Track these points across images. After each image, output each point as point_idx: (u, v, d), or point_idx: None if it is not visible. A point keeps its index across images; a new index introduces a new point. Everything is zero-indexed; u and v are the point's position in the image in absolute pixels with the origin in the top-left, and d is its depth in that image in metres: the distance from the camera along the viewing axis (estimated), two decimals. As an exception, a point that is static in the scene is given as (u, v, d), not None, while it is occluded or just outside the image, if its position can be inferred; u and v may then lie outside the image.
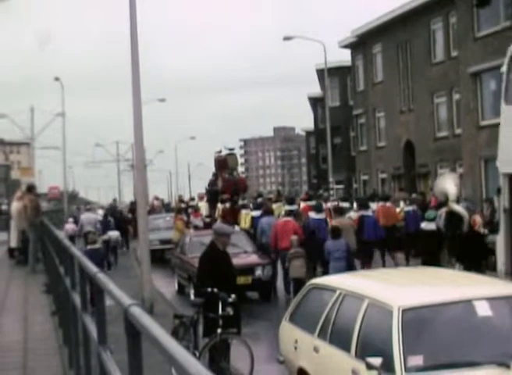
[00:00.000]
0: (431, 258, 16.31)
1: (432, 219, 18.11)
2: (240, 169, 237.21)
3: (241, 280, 17.29)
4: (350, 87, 55.85)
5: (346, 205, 27.21)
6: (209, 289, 10.96)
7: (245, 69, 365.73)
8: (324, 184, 52.10)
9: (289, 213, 21.49)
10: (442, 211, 20.39)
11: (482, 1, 25.18)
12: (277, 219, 21.74)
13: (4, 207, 45.68)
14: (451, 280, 9.11)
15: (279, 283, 19.79)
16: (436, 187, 20.95)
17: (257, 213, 23.92)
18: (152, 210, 40.57)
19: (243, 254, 19.28)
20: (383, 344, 7.23)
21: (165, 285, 22.11)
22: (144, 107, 17.62)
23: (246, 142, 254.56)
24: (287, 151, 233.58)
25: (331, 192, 40.62)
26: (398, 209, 24.93)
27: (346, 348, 7.82)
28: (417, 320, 7.35)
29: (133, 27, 16.93)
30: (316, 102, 65.64)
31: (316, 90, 64.37)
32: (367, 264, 20.15)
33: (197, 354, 10.81)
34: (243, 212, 25.14)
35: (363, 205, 22.45)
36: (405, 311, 7.25)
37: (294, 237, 18.60)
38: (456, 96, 37.68)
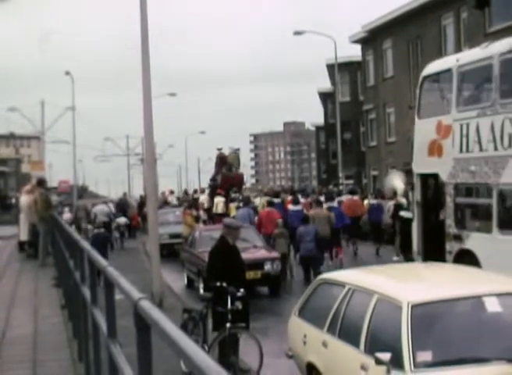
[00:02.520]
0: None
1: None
2: (250, 163, 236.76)
3: (250, 274, 17.32)
4: (360, 83, 55.79)
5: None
6: (218, 283, 10.98)
7: (255, 63, 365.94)
8: (333, 179, 52.13)
9: (270, 204, 24.54)
10: (390, 204, 25.60)
11: (481, 3, 25.15)
12: (262, 209, 25.62)
13: (14, 201, 45.86)
14: (460, 276, 9.10)
15: None
16: (385, 184, 23.58)
17: (240, 205, 27.07)
18: (166, 204, 41.20)
19: (252, 248, 19.29)
20: (392, 339, 7.23)
21: (175, 279, 22.14)
22: (154, 101, 17.62)
23: (256, 137, 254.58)
24: (297, 146, 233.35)
25: (340, 187, 40.63)
26: (366, 202, 29.45)
27: (355, 343, 7.82)
28: (427, 316, 7.35)
29: (144, 21, 16.93)
30: (326, 97, 65.60)
31: (326, 85, 64.35)
32: (336, 247, 23.39)
33: (206, 348, 10.84)
34: (231, 204, 28.57)
35: (329, 198, 26.03)
36: (414, 306, 7.25)
37: (279, 220, 21.73)
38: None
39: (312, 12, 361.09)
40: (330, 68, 55.92)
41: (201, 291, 17.30)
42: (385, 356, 6.88)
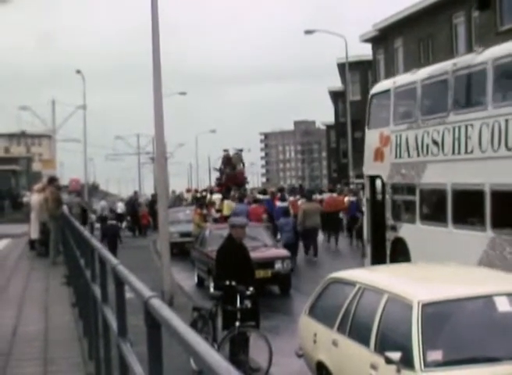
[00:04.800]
0: None
1: None
2: (260, 162, 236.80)
3: (261, 273, 17.32)
4: (370, 82, 55.64)
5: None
6: (227, 282, 10.98)
7: (266, 62, 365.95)
8: (344, 178, 52.04)
9: (256, 201, 28.06)
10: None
11: (483, 5, 25.12)
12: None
13: (25, 199, 45.96)
14: (471, 276, 9.10)
15: None
16: None
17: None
18: (180, 201, 42.05)
19: (262, 247, 19.30)
20: (403, 338, 7.23)
21: (185, 278, 22.18)
22: (164, 100, 17.64)
23: (266, 136, 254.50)
24: (307, 145, 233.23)
25: (351, 186, 40.61)
26: (346, 199, 32.70)
27: (365, 342, 7.82)
28: (437, 315, 7.34)
29: (155, 20, 16.95)
30: (337, 96, 65.53)
31: (337, 84, 64.28)
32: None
33: (216, 346, 10.84)
34: (225, 202, 30.43)
35: (307, 196, 29.30)
36: (425, 306, 7.25)
37: (265, 216, 25.40)
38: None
39: (323, 11, 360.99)
40: (341, 67, 55.87)
41: (211, 289, 17.31)
42: (396, 355, 6.88)
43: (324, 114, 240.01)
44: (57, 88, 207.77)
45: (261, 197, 29.94)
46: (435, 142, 16.60)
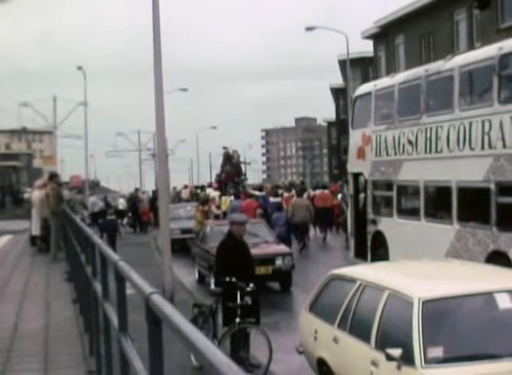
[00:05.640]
0: None
1: None
2: (262, 159, 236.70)
3: (261, 270, 17.34)
4: (372, 78, 55.52)
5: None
6: (227, 278, 10.98)
7: (267, 59, 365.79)
8: (345, 175, 52.02)
9: (250, 196, 29.72)
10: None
11: (483, 4, 25.17)
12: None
13: (26, 195, 45.98)
14: (472, 272, 9.10)
15: None
16: None
17: (233, 198, 32.00)
18: (179, 199, 42.65)
19: (263, 244, 19.31)
20: (403, 335, 7.23)
21: (186, 274, 22.19)
22: (165, 96, 17.62)
23: (267, 132, 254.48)
24: (309, 142, 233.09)
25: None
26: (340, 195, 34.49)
27: (365, 338, 7.83)
28: (438, 312, 7.34)
29: (156, 16, 16.93)
30: (338, 93, 65.56)
31: (338, 81, 64.29)
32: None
33: (216, 343, 10.84)
34: (223, 198, 33.73)
35: (298, 192, 31.02)
36: (425, 302, 7.25)
37: (259, 211, 26.25)
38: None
39: (324, 7, 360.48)
40: (342, 64, 55.83)
41: (212, 286, 17.32)
42: (396, 352, 6.88)
43: (325, 111, 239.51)
44: (58, 85, 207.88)
45: (256, 193, 32.15)
46: (409, 142, 17.81)
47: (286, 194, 33.64)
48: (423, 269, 9.81)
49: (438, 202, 17.15)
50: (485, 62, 15.03)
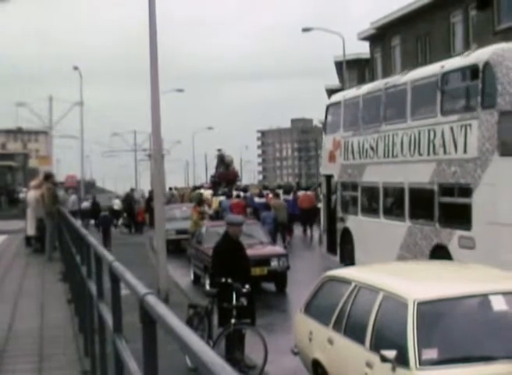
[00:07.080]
0: None
1: None
2: (257, 160, 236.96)
3: (257, 271, 17.33)
4: (368, 80, 55.57)
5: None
6: (223, 279, 10.98)
7: (263, 60, 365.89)
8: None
9: (237, 197, 33.00)
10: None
11: (483, 5, 25.23)
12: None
13: (22, 195, 45.91)
14: (467, 274, 9.11)
15: None
16: None
17: (223, 198, 33.81)
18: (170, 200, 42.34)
19: (258, 245, 19.31)
20: (398, 337, 7.23)
21: (181, 275, 22.17)
22: (161, 97, 17.63)
23: (263, 133, 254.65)
24: (304, 143, 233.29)
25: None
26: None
27: (360, 340, 7.83)
28: (433, 314, 7.35)
29: (152, 17, 16.93)
30: (334, 94, 65.45)
31: (334, 82, 64.21)
32: (288, 231, 31.37)
33: (211, 344, 10.83)
34: (214, 198, 35.91)
35: (286, 192, 36.25)
36: (420, 304, 7.25)
37: (249, 210, 30.18)
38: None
39: (321, 9, 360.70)
40: (338, 65, 55.78)
41: (207, 286, 17.31)
42: (391, 354, 6.89)
43: (321, 112, 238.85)
44: (54, 85, 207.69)
45: (241, 194, 34.88)
46: (371, 147, 19.72)
47: (270, 195, 35.57)
48: (418, 271, 9.82)
49: (394, 202, 19.00)
50: (430, 79, 16.90)
